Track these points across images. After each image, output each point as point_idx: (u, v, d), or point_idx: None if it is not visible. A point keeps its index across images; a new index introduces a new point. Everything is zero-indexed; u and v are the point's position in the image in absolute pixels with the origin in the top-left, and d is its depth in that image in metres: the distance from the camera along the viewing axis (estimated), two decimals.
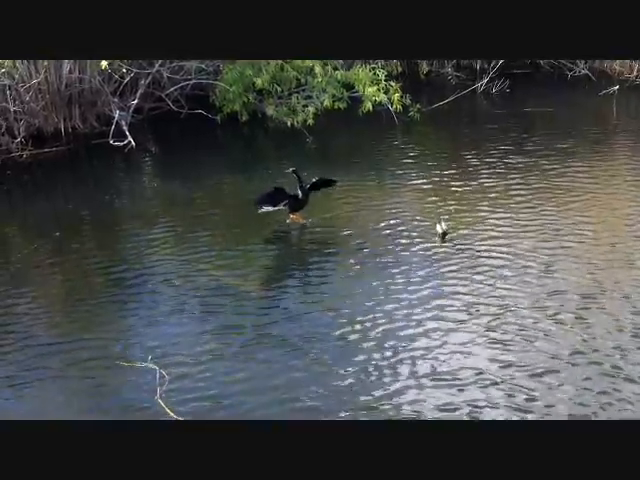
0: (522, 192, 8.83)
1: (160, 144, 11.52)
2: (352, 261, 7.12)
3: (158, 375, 5.46)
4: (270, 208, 7.85)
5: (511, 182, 9.20)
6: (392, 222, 8.06)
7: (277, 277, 7.22)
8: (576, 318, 6.08)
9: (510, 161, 9.99)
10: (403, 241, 7.60)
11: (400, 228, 7.91)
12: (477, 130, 11.97)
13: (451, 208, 8.37)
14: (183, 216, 8.49)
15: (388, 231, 7.85)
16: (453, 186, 9.14)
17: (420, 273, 6.93)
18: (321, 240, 7.93)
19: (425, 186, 9.23)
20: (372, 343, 5.84)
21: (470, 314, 6.20)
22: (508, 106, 12.72)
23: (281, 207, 7.91)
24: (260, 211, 7.87)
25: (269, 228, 8.07)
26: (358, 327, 6.07)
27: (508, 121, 11.98)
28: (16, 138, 10.37)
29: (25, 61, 10.40)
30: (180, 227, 8.17)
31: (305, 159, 10.28)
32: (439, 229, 7.62)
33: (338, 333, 6.00)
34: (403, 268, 7.01)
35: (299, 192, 7.97)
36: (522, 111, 12.46)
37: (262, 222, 8.06)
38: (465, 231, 7.77)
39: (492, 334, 5.91)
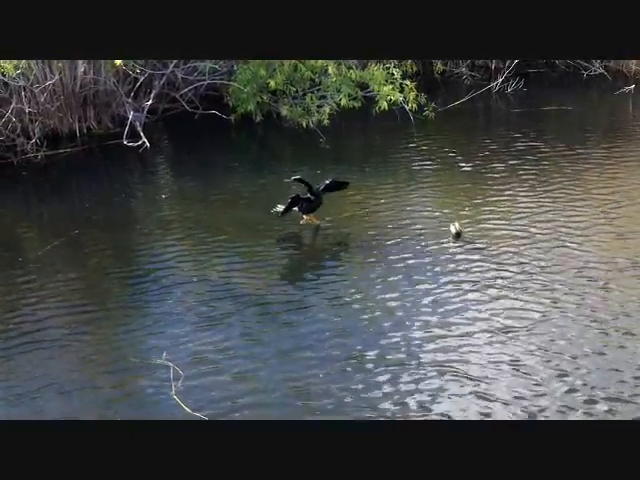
0: (539, 190, 8.76)
1: (174, 144, 11.54)
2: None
3: (172, 372, 5.46)
4: (281, 208, 7.91)
5: (528, 180, 9.12)
6: (406, 222, 8.03)
7: (291, 277, 7.22)
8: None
9: (526, 159, 9.91)
10: (417, 240, 7.55)
11: (414, 227, 7.87)
12: (493, 129, 11.93)
13: (466, 208, 8.31)
14: (197, 215, 8.49)
15: (402, 230, 7.80)
16: (469, 185, 9.08)
17: (433, 272, 6.89)
18: (335, 240, 7.91)
19: (440, 185, 9.19)
20: (386, 341, 5.83)
21: (487, 313, 6.18)
22: (524, 105, 12.64)
23: (295, 210, 7.94)
24: (272, 211, 7.96)
25: (283, 228, 8.06)
26: (370, 327, 6.06)
27: (524, 120, 11.89)
28: (31, 139, 10.38)
29: (40, 62, 10.44)
30: (194, 226, 8.17)
31: (320, 159, 10.26)
32: (453, 229, 7.58)
33: (351, 332, 5.98)
34: (416, 267, 6.98)
35: (309, 195, 7.99)
36: (538, 110, 12.37)
37: (276, 222, 8.04)
38: (480, 231, 7.72)
39: (516, 334, 5.89)
